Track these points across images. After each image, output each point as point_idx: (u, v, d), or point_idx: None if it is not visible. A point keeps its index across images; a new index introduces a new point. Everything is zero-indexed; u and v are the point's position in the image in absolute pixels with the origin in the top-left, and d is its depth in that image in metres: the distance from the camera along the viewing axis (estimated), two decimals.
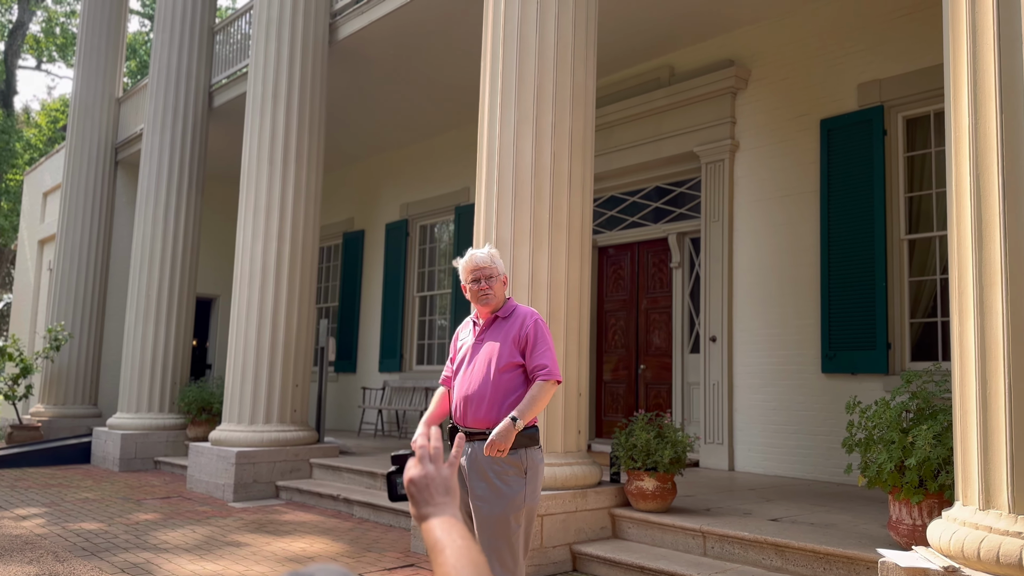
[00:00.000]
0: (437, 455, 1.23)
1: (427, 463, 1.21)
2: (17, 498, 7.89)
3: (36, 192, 17.46)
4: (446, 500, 1.18)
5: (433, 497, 1.18)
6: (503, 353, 3.16)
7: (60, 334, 12.60)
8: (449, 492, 1.20)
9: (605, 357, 9.69)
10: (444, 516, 1.15)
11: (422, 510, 1.17)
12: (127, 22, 14.36)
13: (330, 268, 14.51)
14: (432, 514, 1.15)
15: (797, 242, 7.71)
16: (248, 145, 8.81)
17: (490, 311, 3.28)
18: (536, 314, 3.28)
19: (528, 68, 5.60)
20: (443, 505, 1.17)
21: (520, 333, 3.19)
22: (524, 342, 3.18)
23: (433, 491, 1.19)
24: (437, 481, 1.20)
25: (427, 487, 1.19)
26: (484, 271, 3.24)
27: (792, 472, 7.49)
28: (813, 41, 7.80)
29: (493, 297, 3.24)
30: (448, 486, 1.20)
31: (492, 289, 3.23)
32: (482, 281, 3.23)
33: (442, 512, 1.16)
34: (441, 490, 1.19)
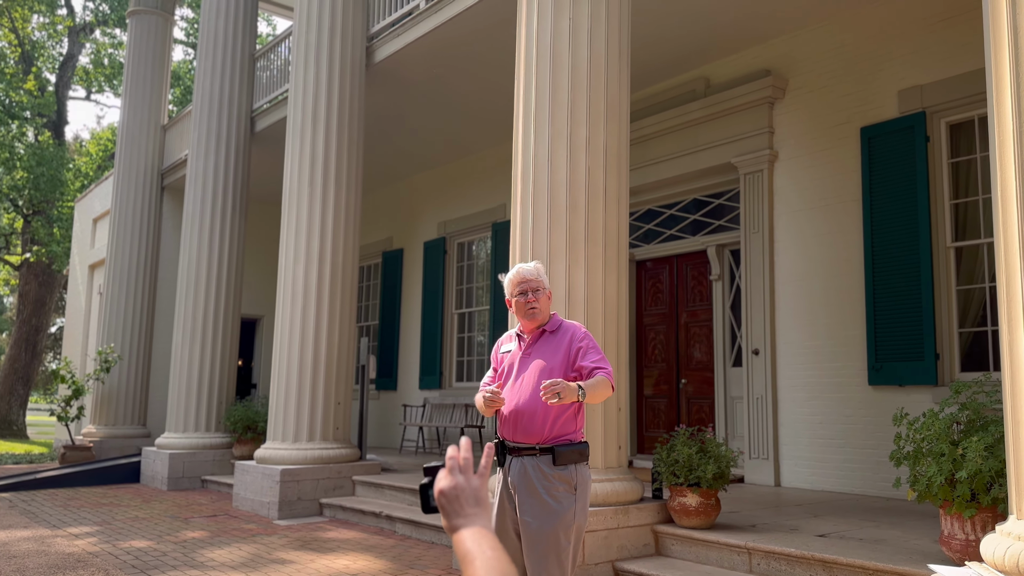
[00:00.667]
0: (467, 466, 1.22)
1: (457, 474, 1.21)
2: (70, 517, 8.08)
3: (86, 218, 17.96)
4: (476, 511, 1.18)
5: (463, 508, 1.18)
6: (554, 367, 3.14)
7: (110, 356, 12.90)
8: (479, 503, 1.19)
9: (645, 372, 9.61)
10: (475, 527, 1.14)
11: (453, 521, 1.17)
12: (171, 51, 14.76)
13: (370, 287, 14.66)
14: (462, 525, 1.15)
15: (840, 252, 7.59)
16: (289, 168, 8.97)
17: (536, 325, 3.26)
18: (585, 329, 3.28)
19: (561, 84, 5.62)
20: (473, 516, 1.17)
21: (572, 347, 3.18)
22: (577, 354, 3.16)
23: (463, 502, 1.18)
24: (467, 492, 1.19)
25: (457, 498, 1.19)
26: (531, 284, 3.23)
27: (840, 487, 7.33)
28: (851, 49, 7.70)
29: (540, 312, 3.23)
30: (478, 497, 1.20)
31: (539, 303, 3.22)
32: (529, 294, 3.23)
33: (473, 523, 1.15)
34: (471, 501, 1.19)
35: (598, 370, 3.11)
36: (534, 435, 3.10)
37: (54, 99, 23.71)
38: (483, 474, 1.24)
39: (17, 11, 22.70)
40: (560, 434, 3.10)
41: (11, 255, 23.94)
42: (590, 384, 3.04)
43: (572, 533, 3.06)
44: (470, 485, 1.20)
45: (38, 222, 22.12)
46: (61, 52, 24.78)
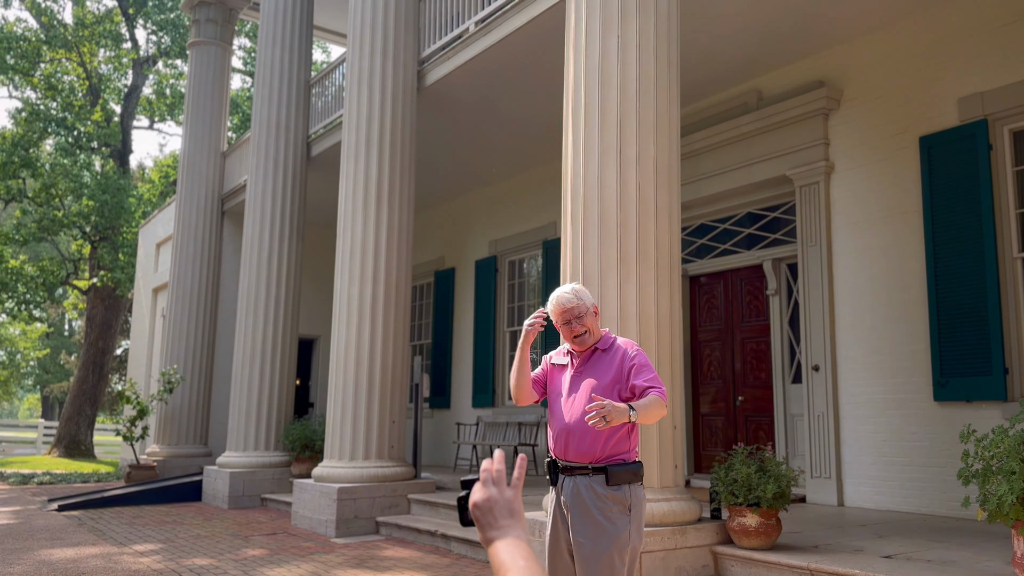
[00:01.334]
0: (500, 478, 1.22)
1: (490, 486, 1.21)
2: (135, 534, 8.29)
3: (150, 243, 18.55)
4: (510, 523, 1.17)
5: (497, 520, 1.18)
6: (606, 386, 3.09)
7: (173, 377, 13.25)
8: (513, 515, 1.19)
9: (701, 389, 9.48)
10: (509, 538, 1.14)
11: (487, 534, 1.17)
12: (230, 80, 15.22)
13: (422, 306, 14.79)
14: (497, 537, 1.15)
15: (901, 264, 7.40)
16: (344, 191, 9.14)
17: (587, 347, 3.22)
18: (638, 346, 3.22)
19: (610, 100, 5.62)
20: (507, 528, 1.17)
21: (624, 365, 3.12)
22: (629, 372, 3.11)
23: (497, 514, 1.18)
24: (500, 504, 1.19)
25: (491, 510, 1.19)
26: (572, 312, 3.17)
27: (906, 507, 7.10)
28: (908, 57, 7.55)
29: (590, 336, 3.19)
30: (512, 508, 1.19)
31: (585, 327, 3.18)
32: (573, 323, 3.17)
33: (507, 534, 1.15)
34: (505, 513, 1.18)
35: (651, 389, 3.04)
36: (586, 455, 3.05)
37: (119, 129, 24.62)
38: (516, 486, 1.23)
39: (85, 46, 23.68)
40: (613, 454, 3.05)
41: (79, 280, 24.83)
42: (642, 404, 2.98)
43: (627, 555, 3.01)
44: (503, 497, 1.20)
45: (104, 248, 22.91)
46: (126, 84, 25.74)
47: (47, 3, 24.24)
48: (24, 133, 22.23)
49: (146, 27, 25.43)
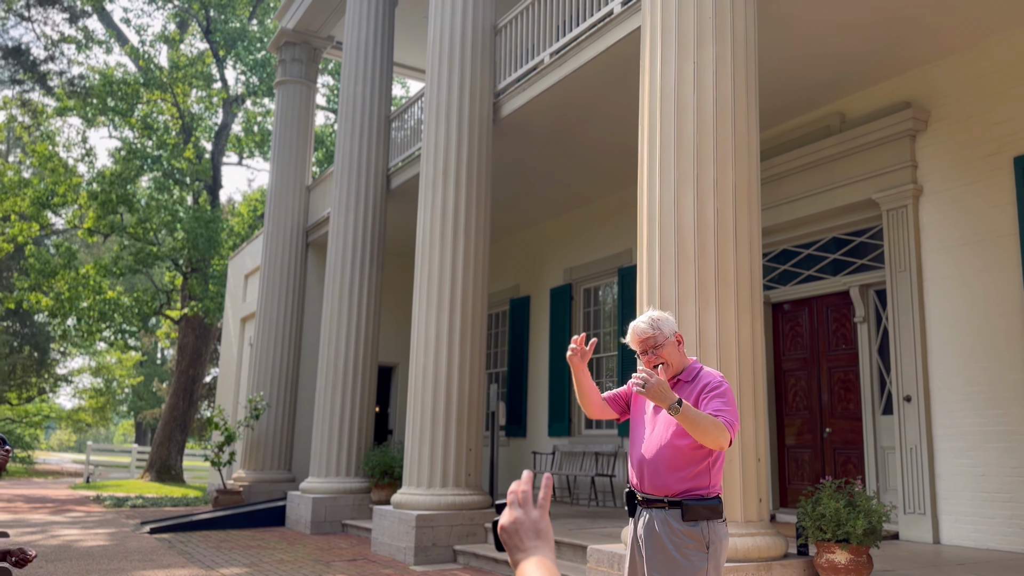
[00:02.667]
0: (526, 499, 1.21)
1: (516, 508, 1.20)
2: (222, 558, 8.51)
3: (239, 274, 19.25)
4: (536, 544, 1.17)
5: (523, 542, 1.17)
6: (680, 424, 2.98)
7: (259, 404, 13.64)
8: (540, 536, 1.18)
9: (786, 420, 9.20)
10: (535, 557, 1.13)
11: (514, 556, 1.17)
12: (314, 117, 15.76)
13: (498, 334, 14.86)
14: (523, 559, 1.14)
15: (997, 289, 7.06)
16: (421, 221, 9.32)
17: (670, 376, 3.13)
18: (722, 377, 3.05)
19: (687, 126, 5.59)
20: (533, 549, 1.16)
21: (703, 393, 2.99)
22: (707, 400, 2.96)
23: (523, 536, 1.17)
24: (526, 525, 1.18)
25: (517, 532, 1.18)
26: (648, 342, 3.09)
27: (1008, 545, 6.70)
28: (998, 75, 7.26)
29: (669, 364, 3.10)
30: (538, 529, 1.18)
31: (662, 358, 3.09)
32: (649, 353, 3.09)
33: (533, 555, 1.14)
34: (531, 534, 1.17)
35: (718, 414, 2.90)
36: (663, 488, 2.98)
37: (210, 165, 25.74)
38: (543, 506, 1.22)
39: (179, 87, 24.93)
40: (692, 488, 2.96)
41: (171, 310, 25.92)
42: (695, 411, 2.81)
43: None
44: (529, 518, 1.19)
45: (195, 279, 23.89)
46: (216, 122, 26.95)
47: (145, 48, 25.67)
48: (122, 171, 23.48)
49: (235, 67, 26.62)
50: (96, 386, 43.20)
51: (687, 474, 2.95)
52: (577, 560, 7.06)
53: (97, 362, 42.22)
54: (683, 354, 3.16)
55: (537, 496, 1.27)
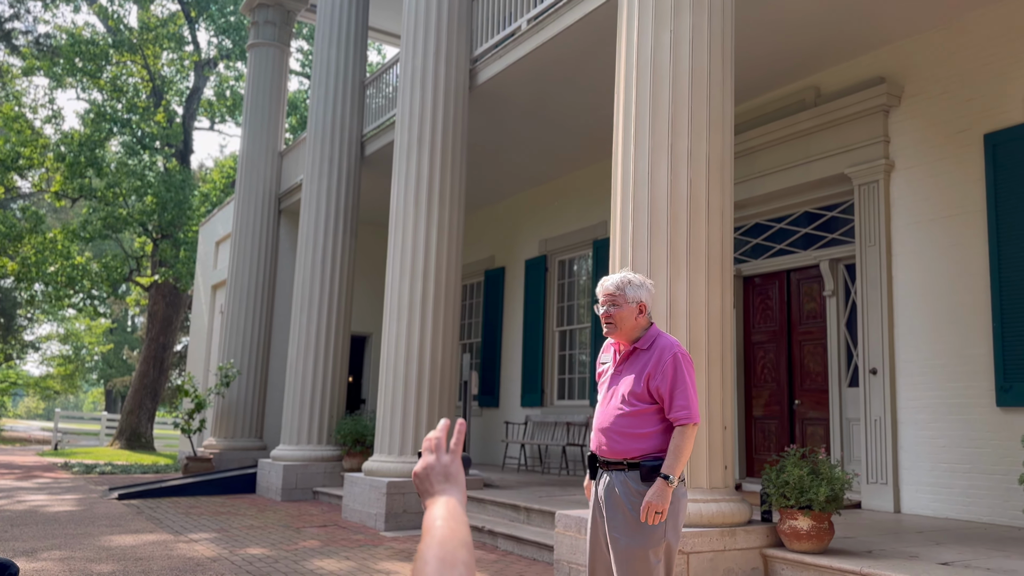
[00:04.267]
0: (439, 445, 1.24)
1: (429, 454, 1.23)
2: (191, 524, 8.50)
3: (209, 241, 19.02)
4: (444, 487, 1.19)
5: (433, 486, 1.19)
6: (639, 391, 3.06)
7: (230, 371, 13.56)
8: (449, 479, 1.20)
9: (755, 392, 9.32)
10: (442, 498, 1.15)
11: (424, 500, 1.19)
12: (287, 82, 15.52)
13: (472, 305, 14.86)
14: (432, 502, 1.16)
15: (963, 265, 7.17)
16: (396, 189, 9.24)
17: (626, 341, 3.17)
18: (676, 347, 3.09)
19: (662, 96, 5.57)
20: (442, 491, 1.18)
21: (657, 369, 3.04)
22: (661, 380, 3.03)
23: (433, 480, 1.20)
24: (437, 469, 1.21)
25: (428, 477, 1.21)
26: (609, 298, 3.13)
27: (966, 515, 6.87)
28: (971, 52, 7.31)
29: (615, 328, 3.13)
30: (448, 473, 1.21)
31: (614, 318, 3.11)
32: (607, 307, 3.13)
33: (441, 496, 1.16)
34: (440, 478, 1.20)
35: (677, 416, 3.00)
36: (621, 452, 3.07)
37: (181, 130, 25.30)
38: (455, 451, 1.25)
39: (149, 49, 24.40)
40: (649, 451, 3.04)
41: (142, 277, 25.59)
42: (671, 460, 2.96)
43: (661, 551, 2.99)
44: (440, 463, 1.22)
45: (166, 246, 23.58)
46: (187, 85, 26.44)
47: (114, 8, 25.04)
48: (91, 134, 23.00)
49: (207, 30, 26.09)
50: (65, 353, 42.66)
51: (643, 438, 3.03)
52: (546, 526, 7.14)
53: (66, 329, 41.64)
54: (641, 323, 3.16)
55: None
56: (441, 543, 1.03)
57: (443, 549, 1.02)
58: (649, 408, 3.04)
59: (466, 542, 1.05)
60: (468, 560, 1.02)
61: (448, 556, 1.01)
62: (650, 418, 3.04)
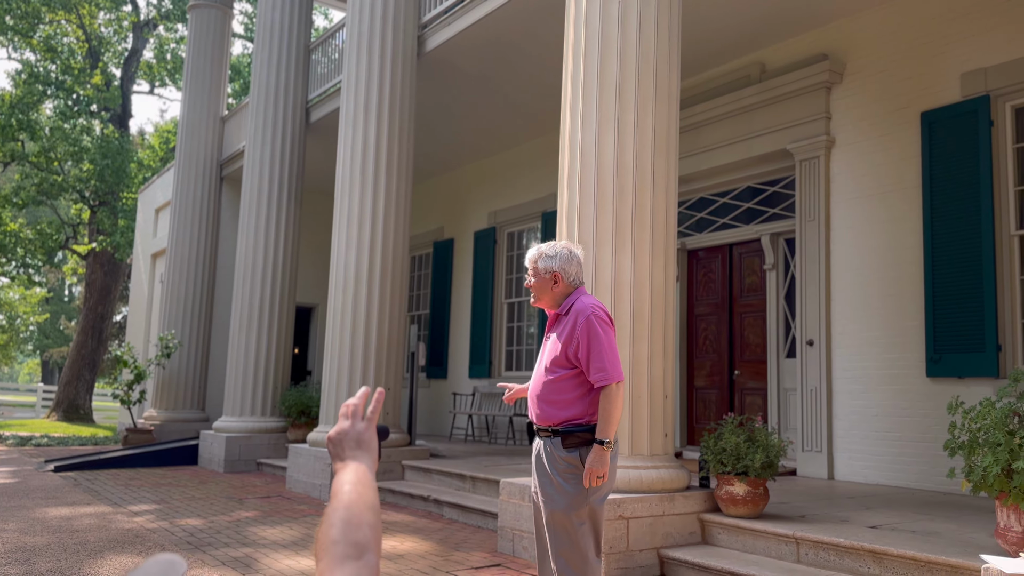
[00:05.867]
0: (355, 412, 1.24)
1: (344, 420, 1.24)
2: (130, 496, 8.36)
3: (149, 209, 18.50)
4: (355, 453, 1.20)
5: (344, 451, 1.20)
6: (558, 356, 3.13)
7: (170, 342, 13.28)
8: (361, 446, 1.21)
9: (697, 363, 9.50)
10: (352, 464, 1.17)
11: (334, 465, 1.20)
12: (230, 44, 15.09)
13: (421, 276, 14.79)
14: (341, 467, 1.18)
15: (899, 240, 7.38)
16: (342, 157, 9.10)
17: (550, 308, 3.25)
18: (590, 309, 3.09)
19: (610, 67, 5.58)
20: (352, 458, 1.19)
21: (573, 335, 3.08)
22: (577, 345, 3.07)
23: (345, 445, 1.21)
24: (350, 435, 1.21)
25: (340, 442, 1.21)
26: (529, 271, 3.26)
27: (895, 481, 7.15)
28: (912, 31, 7.48)
29: (536, 297, 3.25)
30: (360, 439, 1.21)
31: (533, 288, 3.24)
32: (527, 277, 3.26)
33: (351, 462, 1.18)
34: (352, 444, 1.21)
35: (597, 378, 3.03)
36: (547, 419, 3.15)
37: (119, 93, 24.46)
38: (370, 419, 1.25)
39: (85, 7, 23.45)
40: (570, 418, 3.11)
41: (78, 245, 24.81)
42: (602, 424, 3.01)
43: (584, 515, 3.08)
44: (355, 429, 1.23)
45: (103, 213, 22.87)
46: (126, 47, 25.53)
47: None
48: (23, 95, 22.08)
49: None
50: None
51: (564, 404, 3.11)
52: (491, 494, 7.20)
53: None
54: (560, 290, 3.21)
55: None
56: (348, 506, 1.04)
57: (349, 512, 1.03)
58: (569, 373, 3.10)
59: (373, 506, 1.06)
60: (374, 522, 1.03)
61: (354, 518, 1.02)
62: (570, 383, 3.11)
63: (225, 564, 5.28)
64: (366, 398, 1.29)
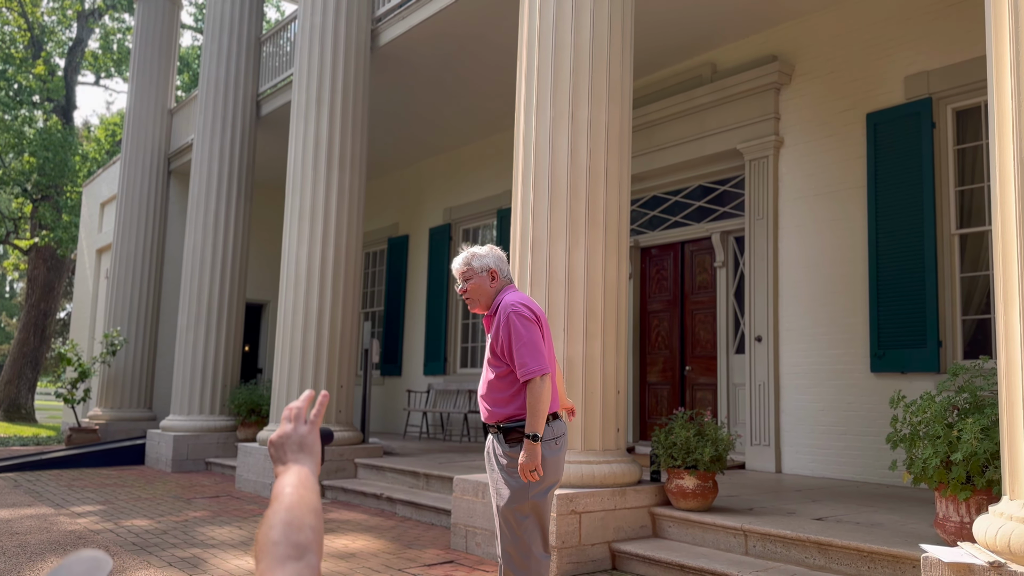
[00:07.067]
0: (298, 415, 1.24)
1: (287, 423, 1.23)
2: (74, 497, 8.14)
3: (94, 203, 18.03)
4: (297, 456, 1.20)
5: (286, 454, 1.20)
6: (490, 355, 3.20)
7: (116, 339, 12.97)
8: (303, 449, 1.21)
9: (649, 359, 9.60)
10: (294, 467, 1.16)
11: (276, 468, 1.20)
12: (179, 36, 14.77)
13: (376, 273, 14.68)
14: (283, 470, 1.17)
15: (844, 239, 7.55)
16: (293, 151, 8.98)
17: (484, 310, 3.28)
18: (512, 306, 3.11)
19: (563, 65, 5.60)
20: (294, 461, 1.19)
21: (498, 332, 3.15)
22: (502, 340, 3.12)
23: (287, 448, 1.20)
24: (293, 439, 1.21)
25: (282, 446, 1.21)
26: (462, 275, 3.24)
27: (841, 474, 7.32)
28: (858, 34, 7.65)
29: (474, 301, 3.25)
30: (303, 443, 1.21)
31: (470, 292, 3.23)
32: (461, 283, 3.25)
33: (293, 465, 1.17)
34: (295, 447, 1.20)
35: (521, 373, 3.06)
36: (492, 416, 3.21)
37: (63, 84, 23.76)
38: (313, 422, 1.25)
39: None
40: (512, 414, 3.17)
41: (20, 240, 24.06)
42: (530, 420, 3.02)
43: (527, 509, 3.12)
44: (297, 432, 1.22)
45: (46, 207, 22.21)
46: (70, 37, 24.82)
47: None
48: None
49: None
50: None
51: (506, 402, 3.17)
52: (445, 491, 7.19)
53: None
54: (494, 289, 3.25)
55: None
56: (289, 508, 1.03)
57: (290, 514, 1.02)
58: (504, 371, 3.16)
59: (315, 508, 1.05)
60: (315, 525, 1.02)
61: (295, 520, 1.01)
62: (506, 380, 3.16)
63: (172, 565, 5.17)
64: (310, 401, 1.28)
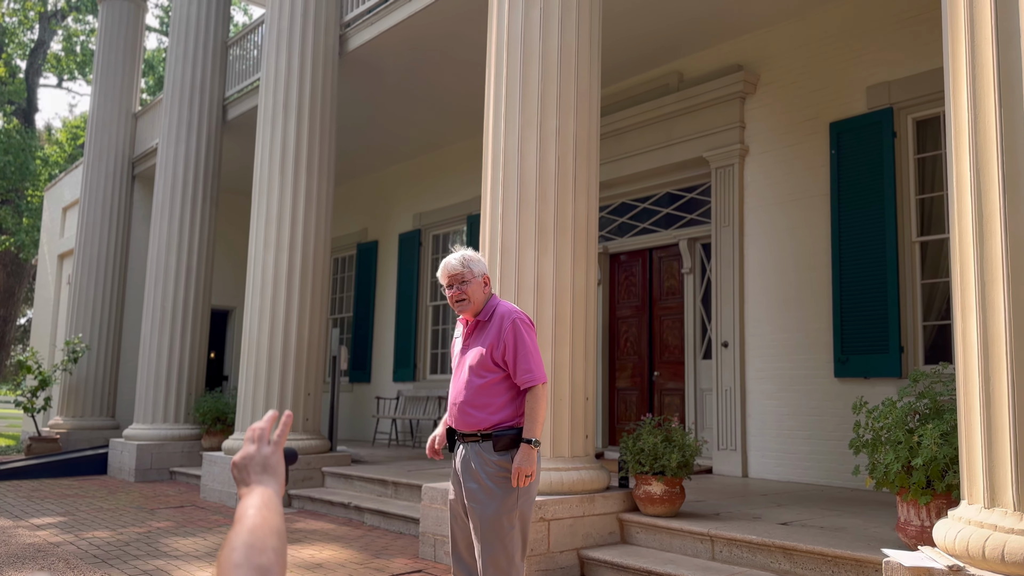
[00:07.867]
0: (261, 436, 1.24)
1: (250, 444, 1.23)
2: (33, 508, 7.97)
3: (56, 207, 17.70)
4: (261, 477, 1.20)
5: (249, 476, 1.20)
6: (484, 361, 3.16)
7: (78, 347, 12.73)
8: (267, 470, 1.20)
9: (618, 364, 9.65)
10: (258, 488, 1.16)
11: (239, 489, 1.19)
12: (143, 38, 14.57)
13: (345, 279, 14.58)
14: (247, 492, 1.17)
15: (808, 246, 7.66)
16: (259, 156, 8.90)
17: (472, 315, 3.26)
18: (515, 314, 3.20)
19: (532, 73, 5.62)
20: (258, 482, 1.19)
21: (499, 339, 3.15)
22: (504, 348, 3.14)
23: (250, 470, 1.20)
24: (256, 460, 1.21)
25: (246, 467, 1.21)
26: (456, 277, 3.22)
27: (806, 478, 7.41)
28: (822, 44, 7.78)
29: (468, 303, 3.23)
30: (266, 464, 1.21)
31: (466, 294, 3.21)
32: (455, 287, 3.22)
33: (257, 487, 1.17)
34: (258, 468, 1.20)
35: (524, 380, 3.12)
36: (474, 424, 3.17)
37: (24, 86, 23.33)
38: (277, 443, 1.25)
39: None
40: (500, 421, 3.15)
41: None
42: (529, 424, 3.09)
43: (515, 518, 3.11)
44: (260, 453, 1.22)
45: (6, 211, 21.76)
46: (32, 38, 24.37)
47: None
48: None
49: None
50: None
51: (493, 409, 3.15)
52: (414, 500, 7.15)
53: None
54: (486, 294, 3.29)
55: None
56: (251, 530, 1.03)
57: (253, 536, 1.02)
58: (497, 378, 3.15)
59: (278, 530, 1.05)
60: (279, 547, 1.01)
61: (257, 542, 1.00)
62: (498, 388, 3.15)
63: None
64: (273, 422, 1.27)
